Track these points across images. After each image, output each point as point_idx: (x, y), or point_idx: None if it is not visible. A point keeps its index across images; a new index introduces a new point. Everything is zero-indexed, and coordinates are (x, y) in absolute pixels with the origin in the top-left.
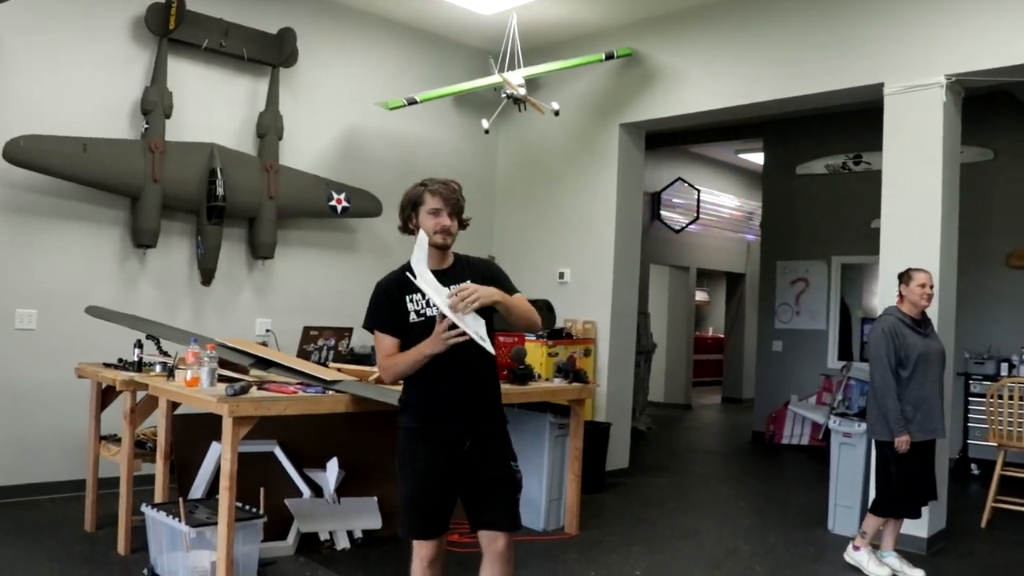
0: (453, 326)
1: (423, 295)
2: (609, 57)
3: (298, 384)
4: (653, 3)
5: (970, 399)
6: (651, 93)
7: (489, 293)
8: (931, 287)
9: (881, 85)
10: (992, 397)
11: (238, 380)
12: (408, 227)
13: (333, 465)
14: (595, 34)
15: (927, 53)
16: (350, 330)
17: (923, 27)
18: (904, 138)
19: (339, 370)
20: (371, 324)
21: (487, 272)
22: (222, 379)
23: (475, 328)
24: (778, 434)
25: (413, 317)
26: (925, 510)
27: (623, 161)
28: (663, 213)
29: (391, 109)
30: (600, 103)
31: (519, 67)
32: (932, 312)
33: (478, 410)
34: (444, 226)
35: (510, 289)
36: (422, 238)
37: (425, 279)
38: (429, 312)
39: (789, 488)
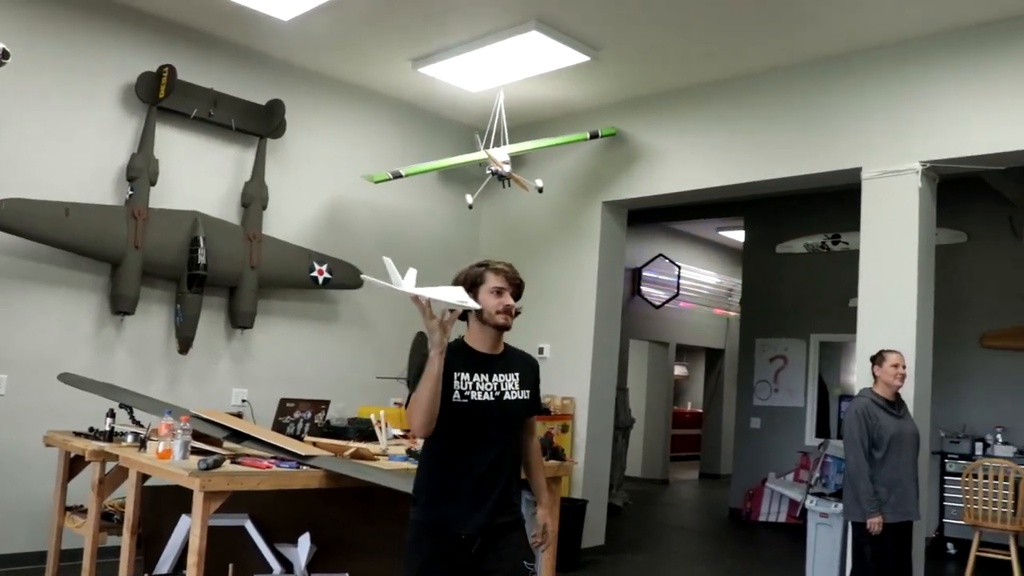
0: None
1: (471, 377)
2: (594, 136)
3: (272, 458)
4: (637, 84)
5: (946, 478)
6: (634, 172)
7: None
8: (904, 367)
9: (859, 169)
10: (967, 477)
11: (211, 453)
12: None
13: (305, 540)
14: (580, 113)
15: (903, 140)
16: (327, 403)
17: (899, 116)
18: (881, 221)
19: (314, 444)
20: (414, 381)
21: (535, 371)
22: (195, 451)
23: (459, 298)
24: (755, 511)
25: (456, 397)
26: None
27: (605, 238)
28: (643, 289)
29: (376, 182)
30: (584, 181)
31: (505, 144)
32: (908, 391)
33: (493, 506)
34: (507, 305)
35: (538, 394)
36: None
37: (398, 280)
38: (475, 396)
39: (767, 567)
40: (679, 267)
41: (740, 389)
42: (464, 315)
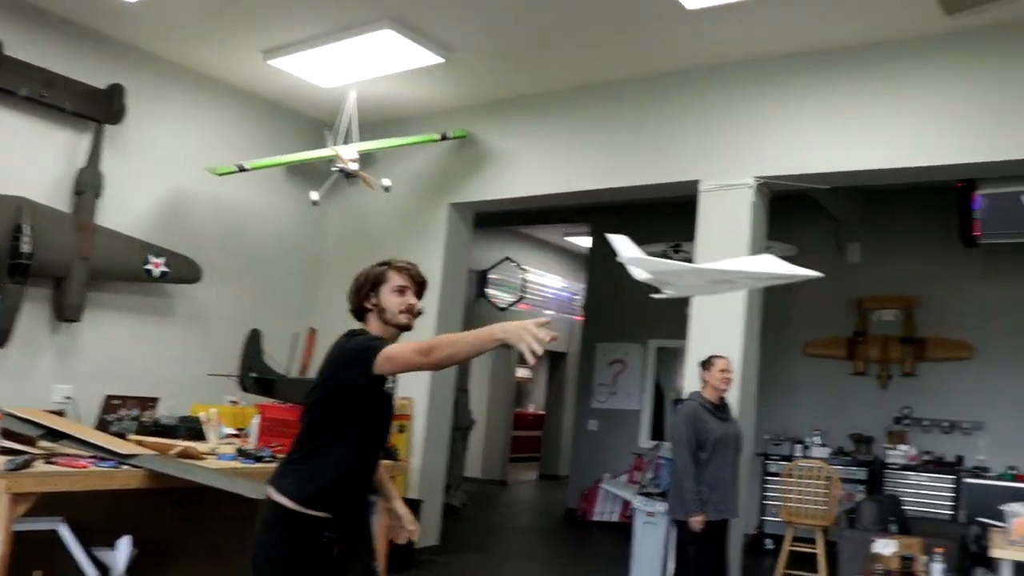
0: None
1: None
2: (444, 138)
3: (91, 457)
4: (489, 88)
5: (767, 478)
6: (483, 175)
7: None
8: (730, 372)
9: (697, 182)
10: (785, 476)
11: (22, 453)
12: (363, 307)
13: (124, 543)
14: (431, 114)
15: (738, 156)
16: (155, 400)
17: (735, 133)
18: (715, 232)
19: (139, 443)
20: (373, 354)
21: None
22: (5, 451)
23: (778, 269)
24: (589, 511)
25: (387, 384)
26: None
27: (451, 239)
28: (489, 291)
29: (220, 175)
30: (432, 182)
31: (354, 141)
32: (734, 396)
33: (360, 501)
34: (410, 305)
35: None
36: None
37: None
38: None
39: (599, 566)
40: (525, 270)
41: (580, 392)
42: (361, 314)
